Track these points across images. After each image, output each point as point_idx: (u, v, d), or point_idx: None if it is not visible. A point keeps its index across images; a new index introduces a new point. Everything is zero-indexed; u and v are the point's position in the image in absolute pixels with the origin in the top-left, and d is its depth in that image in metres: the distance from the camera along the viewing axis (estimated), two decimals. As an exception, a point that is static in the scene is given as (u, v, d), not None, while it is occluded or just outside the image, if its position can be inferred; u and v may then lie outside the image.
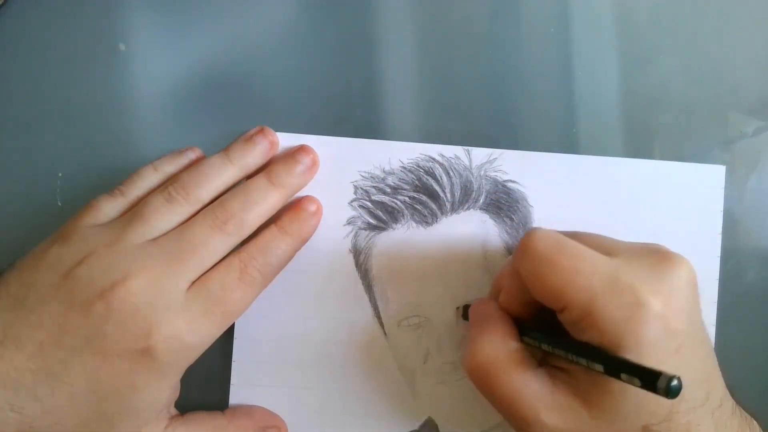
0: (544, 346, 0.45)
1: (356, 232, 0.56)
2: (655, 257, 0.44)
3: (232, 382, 0.55)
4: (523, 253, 0.45)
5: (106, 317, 0.45)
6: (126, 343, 0.46)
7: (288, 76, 0.58)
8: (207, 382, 0.55)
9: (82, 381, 0.46)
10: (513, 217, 0.56)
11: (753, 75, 0.60)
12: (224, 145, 0.55)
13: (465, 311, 0.55)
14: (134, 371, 0.46)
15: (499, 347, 0.46)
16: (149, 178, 0.53)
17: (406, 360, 0.56)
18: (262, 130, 0.55)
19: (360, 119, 0.57)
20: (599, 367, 0.40)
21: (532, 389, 0.44)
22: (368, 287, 0.56)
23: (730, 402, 0.46)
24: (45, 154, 0.57)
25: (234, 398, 0.55)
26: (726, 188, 0.57)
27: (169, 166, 0.54)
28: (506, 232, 0.56)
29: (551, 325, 0.46)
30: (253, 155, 0.54)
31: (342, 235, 0.56)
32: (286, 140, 0.56)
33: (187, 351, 0.48)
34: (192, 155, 0.55)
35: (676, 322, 0.41)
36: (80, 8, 0.58)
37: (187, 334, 0.47)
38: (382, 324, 0.56)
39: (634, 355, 0.40)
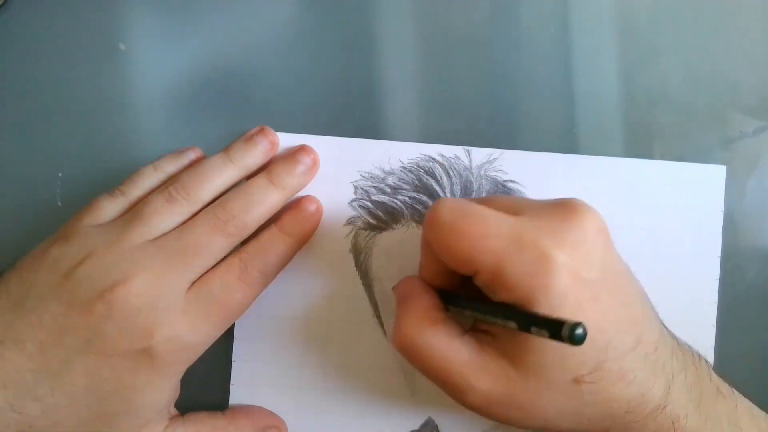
0: (467, 312, 0.45)
1: (356, 232, 0.56)
2: (561, 210, 0.43)
3: (231, 382, 0.55)
4: (429, 224, 0.45)
5: (106, 318, 0.45)
6: (126, 344, 0.46)
7: (288, 76, 0.58)
8: (207, 382, 0.55)
9: (82, 381, 0.46)
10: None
11: (753, 75, 0.60)
12: (224, 145, 0.55)
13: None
14: (134, 371, 0.46)
15: (422, 320, 0.46)
16: (150, 178, 0.53)
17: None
18: (262, 130, 0.55)
19: (360, 119, 0.57)
20: (512, 325, 0.40)
21: (461, 356, 0.44)
22: (368, 287, 0.56)
23: (669, 344, 0.46)
24: (45, 154, 0.57)
25: (234, 398, 0.55)
26: (726, 188, 0.57)
27: (170, 166, 0.54)
28: (506, 231, 0.56)
29: (471, 293, 0.46)
30: (253, 155, 0.54)
31: (342, 235, 0.56)
32: (286, 140, 0.56)
33: (188, 351, 0.48)
34: (192, 155, 0.55)
35: (586, 271, 0.41)
36: (80, 8, 0.58)
37: (187, 335, 0.47)
38: (381, 323, 0.56)
39: (546, 309, 0.40)
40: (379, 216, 0.56)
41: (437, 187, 0.56)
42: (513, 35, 0.59)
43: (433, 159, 0.56)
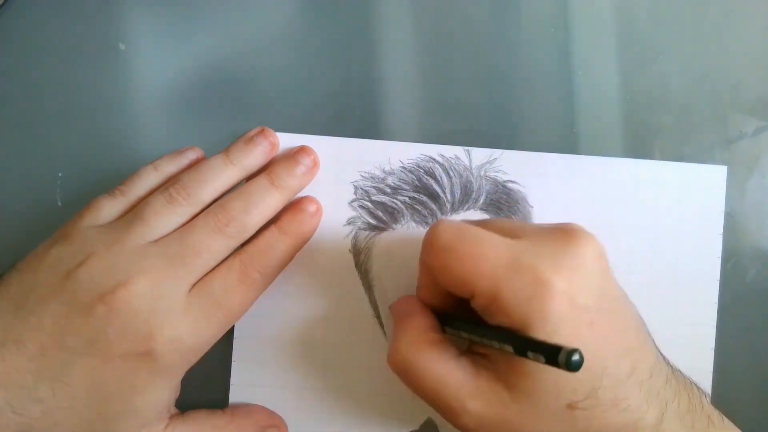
0: (464, 334, 0.45)
1: (356, 233, 0.56)
2: (560, 236, 0.44)
3: (231, 381, 0.55)
4: (428, 246, 0.45)
5: (107, 320, 0.45)
6: (127, 346, 0.46)
7: (288, 76, 0.58)
8: (207, 381, 0.55)
9: (83, 383, 0.46)
10: (513, 217, 0.56)
11: (753, 75, 0.60)
12: (224, 145, 0.55)
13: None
14: (135, 373, 0.46)
15: (418, 340, 0.46)
16: (150, 179, 0.53)
17: (407, 360, 0.55)
18: (262, 131, 0.55)
19: (360, 120, 0.57)
20: (509, 348, 0.40)
21: (455, 378, 0.44)
22: (368, 287, 0.56)
23: (664, 372, 0.46)
24: (45, 154, 0.57)
25: (234, 398, 0.55)
26: (726, 188, 0.57)
27: (170, 166, 0.54)
28: (506, 232, 0.56)
29: (469, 316, 0.46)
30: (253, 156, 0.54)
31: (342, 236, 0.56)
32: (286, 140, 0.56)
33: (189, 353, 0.48)
34: (192, 155, 0.55)
35: (583, 297, 0.41)
36: (80, 8, 0.58)
37: (188, 337, 0.47)
38: (381, 324, 0.56)
39: (542, 334, 0.40)
40: (379, 216, 0.56)
41: (437, 188, 0.56)
42: (513, 35, 0.59)
43: (433, 159, 0.56)
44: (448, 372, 0.44)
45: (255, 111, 0.57)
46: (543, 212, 0.56)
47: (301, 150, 0.55)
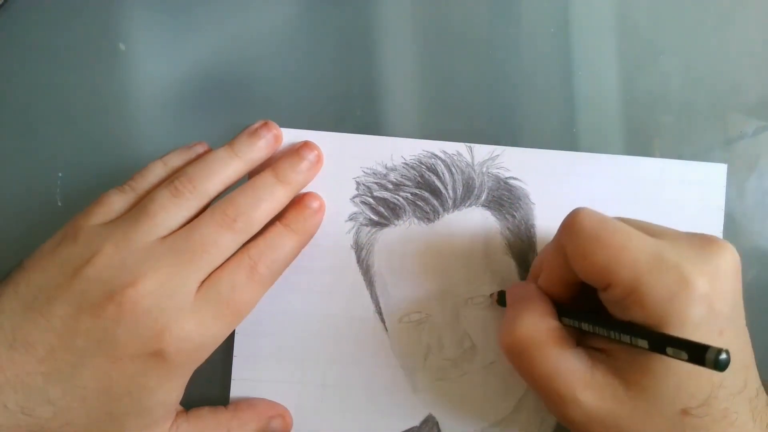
0: (585, 326, 0.45)
1: (358, 228, 0.56)
2: (700, 240, 0.44)
3: (233, 377, 0.55)
4: (568, 230, 0.45)
5: (117, 320, 0.45)
6: (137, 346, 0.45)
7: (289, 74, 0.58)
8: (208, 377, 0.55)
9: (93, 383, 0.45)
10: (515, 214, 0.56)
11: (753, 75, 0.60)
12: (225, 144, 0.55)
13: (500, 297, 0.55)
14: (145, 373, 0.46)
15: (538, 325, 0.46)
16: (159, 173, 0.52)
17: (407, 356, 0.55)
18: (266, 124, 0.54)
19: (361, 118, 0.58)
20: (644, 343, 0.40)
21: (571, 367, 0.44)
22: (370, 283, 0.56)
23: (764, 394, 0.46)
24: (45, 154, 0.57)
25: (235, 393, 0.55)
26: (726, 188, 0.57)
27: (179, 161, 0.54)
28: (508, 229, 0.56)
29: (589, 308, 0.47)
30: (258, 148, 0.53)
31: (344, 231, 0.56)
32: (288, 136, 0.56)
33: (198, 352, 0.48)
34: (200, 150, 0.55)
35: (720, 304, 0.42)
36: (80, 8, 0.58)
37: (197, 336, 0.47)
38: (383, 320, 0.56)
39: (678, 333, 0.40)
40: (381, 212, 0.56)
41: (439, 184, 0.56)
42: (513, 35, 0.59)
43: (435, 155, 0.56)
44: (564, 360, 0.44)
45: (256, 109, 0.57)
46: (545, 209, 0.56)
47: (305, 145, 0.55)
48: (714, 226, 0.57)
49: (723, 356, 0.36)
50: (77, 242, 0.48)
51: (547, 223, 0.56)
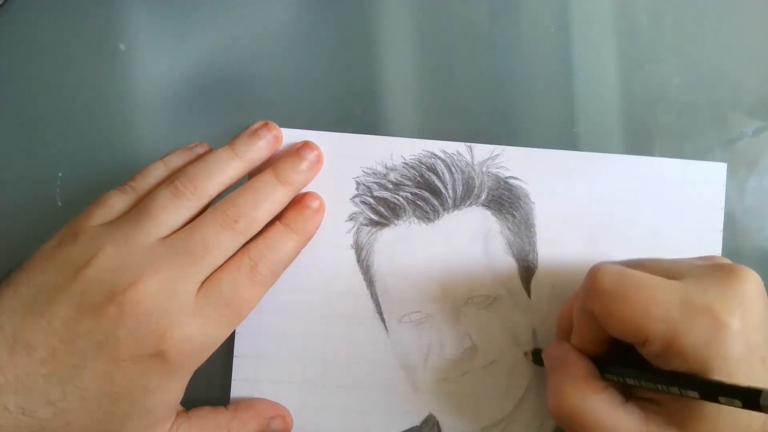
0: (630, 381, 0.45)
1: (358, 228, 0.56)
2: (721, 273, 0.44)
3: (233, 377, 0.55)
4: (591, 292, 0.45)
5: (118, 322, 0.45)
6: (138, 348, 0.45)
7: (289, 74, 0.58)
8: (209, 377, 0.54)
9: (94, 384, 0.45)
10: (515, 213, 0.56)
11: (753, 75, 0.60)
12: (225, 144, 0.54)
13: (534, 356, 0.55)
14: (146, 374, 0.46)
15: (585, 389, 0.46)
16: (160, 174, 0.52)
17: (408, 356, 0.55)
18: (266, 124, 0.54)
19: (361, 118, 0.58)
20: (694, 394, 0.40)
21: (626, 425, 0.44)
22: (370, 283, 0.56)
23: None
24: (45, 154, 0.57)
25: (235, 393, 0.55)
26: (726, 188, 0.57)
27: (180, 162, 0.53)
28: (508, 228, 0.56)
29: (628, 357, 0.46)
30: (258, 149, 0.53)
31: (344, 231, 0.56)
32: (288, 136, 0.56)
33: (199, 352, 0.48)
34: (201, 150, 0.55)
35: (754, 335, 0.42)
36: (80, 8, 0.58)
37: (198, 337, 0.47)
38: (383, 320, 0.56)
39: (723, 375, 0.40)
40: (381, 212, 0.56)
41: (439, 183, 0.56)
42: (513, 35, 0.59)
43: (435, 155, 0.56)
44: (618, 419, 0.44)
45: (256, 109, 0.57)
46: (545, 209, 0.56)
47: (305, 145, 0.55)
48: (714, 226, 0.57)
49: None
50: (77, 243, 0.47)
51: (547, 222, 0.56)
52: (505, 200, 0.56)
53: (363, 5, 0.58)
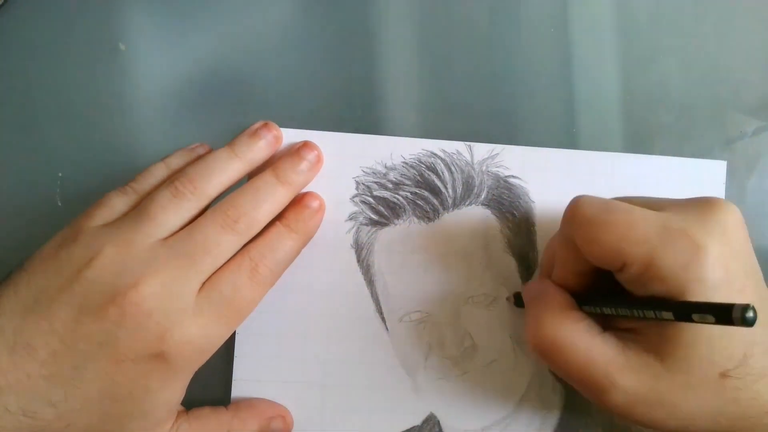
0: (607, 310, 0.45)
1: (358, 228, 0.56)
2: (702, 205, 0.44)
3: (234, 377, 0.55)
4: (572, 219, 0.46)
5: (119, 323, 0.45)
6: (139, 349, 0.45)
7: (288, 74, 0.58)
8: (209, 377, 0.54)
9: (95, 385, 0.45)
10: (515, 212, 0.56)
11: (753, 75, 0.60)
12: (225, 144, 0.54)
13: (516, 299, 0.55)
14: (147, 375, 0.46)
15: (562, 319, 0.46)
16: (161, 175, 0.52)
17: (408, 355, 0.55)
18: (266, 125, 0.54)
19: (361, 118, 0.58)
20: (669, 315, 0.40)
21: (603, 355, 0.44)
22: (370, 283, 0.56)
23: None
24: (45, 154, 0.57)
25: (236, 393, 0.55)
26: (726, 188, 0.57)
27: (180, 163, 0.53)
28: (508, 227, 0.56)
29: (606, 291, 0.47)
30: (258, 149, 0.53)
31: (344, 231, 0.56)
32: (288, 136, 0.56)
33: (200, 353, 0.48)
34: (202, 151, 0.55)
35: (735, 263, 0.42)
36: (80, 8, 0.58)
37: (199, 338, 0.47)
38: (383, 319, 0.56)
39: (700, 298, 0.40)
40: (381, 211, 0.56)
41: (439, 183, 0.56)
42: (513, 35, 0.59)
43: (435, 154, 0.56)
44: (595, 348, 0.44)
45: (256, 109, 0.57)
46: (545, 208, 0.57)
47: (305, 145, 0.55)
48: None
49: (749, 312, 0.36)
50: (78, 244, 0.47)
51: (547, 221, 0.56)
52: (505, 199, 0.56)
53: (363, 5, 0.58)
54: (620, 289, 0.45)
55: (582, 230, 0.45)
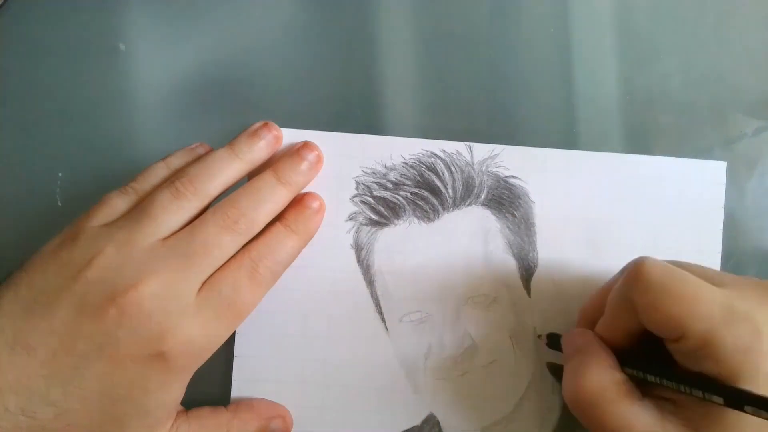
0: (650, 377, 0.44)
1: (358, 228, 0.56)
2: (763, 288, 0.44)
3: (233, 377, 0.55)
4: (635, 281, 0.45)
5: (119, 323, 0.45)
6: (139, 349, 0.45)
7: (289, 74, 0.58)
8: (209, 377, 0.54)
9: (95, 386, 0.45)
10: (515, 212, 0.56)
11: (753, 75, 0.60)
12: (225, 144, 0.54)
13: (550, 340, 0.54)
14: (147, 375, 0.46)
15: (604, 378, 0.45)
16: (161, 175, 0.52)
17: (408, 356, 0.55)
18: (266, 125, 0.54)
19: (360, 118, 0.58)
20: (719, 399, 0.40)
21: (641, 421, 0.43)
22: (370, 283, 0.56)
23: None
24: (45, 154, 0.57)
25: (236, 393, 0.55)
26: (726, 188, 0.57)
27: (180, 163, 0.53)
28: (508, 228, 0.56)
29: (650, 355, 0.46)
30: (258, 149, 0.53)
31: (344, 231, 0.56)
32: (288, 136, 0.56)
33: (200, 353, 0.48)
34: (202, 151, 0.55)
35: None
36: (80, 8, 0.58)
37: (199, 338, 0.47)
38: (383, 320, 0.56)
39: (751, 386, 0.40)
40: (381, 211, 0.56)
41: (439, 183, 0.56)
42: (513, 35, 0.59)
43: (435, 155, 0.56)
44: (634, 414, 0.44)
45: (255, 110, 0.57)
46: (545, 208, 0.56)
47: (305, 146, 0.55)
48: (714, 225, 0.57)
49: None
50: (78, 244, 0.47)
51: (546, 221, 0.56)
52: (505, 199, 0.56)
53: (363, 5, 0.58)
54: (666, 355, 0.45)
55: (646, 295, 0.44)
